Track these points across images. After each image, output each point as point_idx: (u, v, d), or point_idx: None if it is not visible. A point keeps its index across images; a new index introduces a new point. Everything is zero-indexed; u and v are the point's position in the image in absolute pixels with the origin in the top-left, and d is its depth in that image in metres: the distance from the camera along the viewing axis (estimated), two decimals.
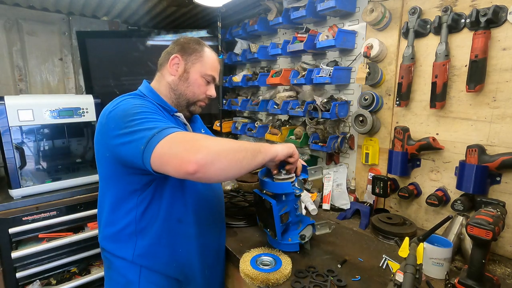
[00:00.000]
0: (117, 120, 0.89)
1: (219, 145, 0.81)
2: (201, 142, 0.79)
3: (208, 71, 1.11)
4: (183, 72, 1.10)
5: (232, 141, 0.87)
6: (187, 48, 1.10)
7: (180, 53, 1.10)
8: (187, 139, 0.80)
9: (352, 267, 1.11)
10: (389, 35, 1.51)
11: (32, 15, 2.32)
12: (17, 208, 1.69)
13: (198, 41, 1.14)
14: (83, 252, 1.93)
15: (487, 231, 0.87)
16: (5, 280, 1.71)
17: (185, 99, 1.12)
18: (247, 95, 2.45)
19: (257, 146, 0.92)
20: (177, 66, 1.10)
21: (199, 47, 1.11)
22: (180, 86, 1.10)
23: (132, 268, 1.02)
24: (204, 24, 2.79)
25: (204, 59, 1.11)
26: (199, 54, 1.10)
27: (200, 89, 1.12)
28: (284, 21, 1.90)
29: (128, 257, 1.01)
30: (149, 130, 0.81)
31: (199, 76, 1.10)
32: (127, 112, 0.89)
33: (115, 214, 1.02)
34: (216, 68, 1.15)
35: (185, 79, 1.10)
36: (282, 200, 1.16)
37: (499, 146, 1.20)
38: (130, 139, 0.84)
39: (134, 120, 0.86)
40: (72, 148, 1.95)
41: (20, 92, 2.34)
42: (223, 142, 0.84)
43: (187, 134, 0.84)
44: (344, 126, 1.78)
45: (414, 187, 1.46)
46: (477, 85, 1.19)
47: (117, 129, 0.87)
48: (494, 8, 1.14)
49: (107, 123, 0.92)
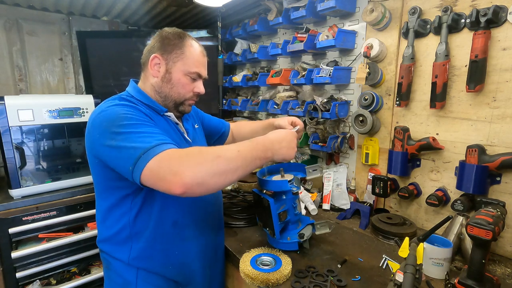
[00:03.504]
0: (102, 130, 0.86)
1: (208, 162, 0.77)
2: (189, 162, 0.76)
3: (191, 68, 1.02)
4: (165, 73, 1.02)
5: (227, 149, 0.82)
6: (167, 45, 1.01)
7: (160, 52, 1.01)
8: (174, 160, 0.77)
9: (352, 267, 1.11)
10: (389, 35, 1.50)
11: (32, 15, 2.32)
12: (17, 208, 1.68)
13: (179, 34, 1.03)
14: (83, 252, 1.92)
15: (487, 231, 0.87)
16: (5, 280, 1.71)
17: (171, 101, 1.05)
18: (247, 95, 2.45)
19: (255, 150, 0.86)
20: (158, 66, 1.02)
21: (179, 41, 1.01)
22: (164, 88, 1.03)
23: (129, 270, 1.02)
24: (204, 24, 2.79)
25: (186, 55, 1.01)
26: (180, 50, 1.01)
27: (185, 88, 1.04)
28: (284, 21, 1.90)
29: (124, 259, 1.01)
30: (134, 149, 0.79)
31: (182, 75, 1.02)
32: (112, 123, 0.86)
33: (109, 218, 1.02)
34: (201, 62, 1.06)
35: (168, 80, 1.02)
36: (280, 198, 1.16)
37: (499, 146, 1.20)
38: (116, 155, 0.83)
39: (120, 133, 0.83)
40: (72, 148, 1.95)
41: (20, 92, 2.34)
42: (214, 156, 0.79)
43: (174, 152, 0.79)
44: (344, 126, 1.78)
45: (414, 187, 1.46)
46: (477, 85, 1.19)
47: (103, 139, 0.85)
48: (494, 8, 1.14)
49: (92, 131, 0.90)
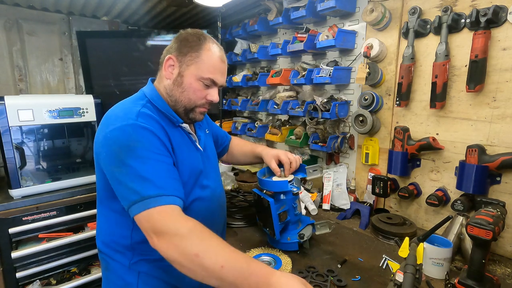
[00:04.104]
0: (110, 153, 0.85)
1: (186, 254, 0.72)
2: (170, 238, 0.74)
3: (205, 73, 0.95)
4: (177, 76, 0.96)
5: (210, 253, 0.71)
6: (183, 47, 0.95)
7: (176, 53, 0.96)
8: (160, 224, 0.76)
9: (352, 267, 1.11)
10: (389, 35, 1.50)
11: (32, 15, 2.32)
12: (17, 208, 1.68)
13: (199, 36, 0.97)
14: (83, 252, 1.92)
15: (487, 231, 0.87)
16: (5, 280, 1.71)
17: (181, 106, 0.99)
18: (247, 95, 2.45)
19: (244, 279, 0.68)
20: (172, 68, 0.97)
21: (197, 44, 0.95)
22: (174, 92, 0.97)
23: (130, 272, 0.99)
24: (204, 24, 2.79)
25: (202, 59, 0.95)
26: (195, 54, 0.94)
27: (197, 94, 0.97)
28: (284, 21, 1.90)
29: (125, 263, 0.99)
30: (133, 193, 0.79)
31: (194, 80, 0.95)
32: (122, 148, 0.83)
33: (110, 225, 1.00)
34: (218, 68, 0.98)
35: (179, 84, 0.96)
36: (280, 198, 1.17)
37: (499, 146, 1.20)
38: (116, 186, 0.84)
39: (125, 165, 0.81)
40: (72, 148, 1.95)
41: (20, 92, 2.33)
42: (194, 252, 0.71)
43: (164, 218, 0.76)
44: (344, 126, 1.78)
45: (414, 187, 1.46)
46: (477, 85, 1.19)
47: (109, 161, 0.85)
48: (494, 8, 1.14)
49: (101, 147, 0.88)
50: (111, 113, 0.92)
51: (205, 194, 1.03)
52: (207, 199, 1.04)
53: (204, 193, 1.03)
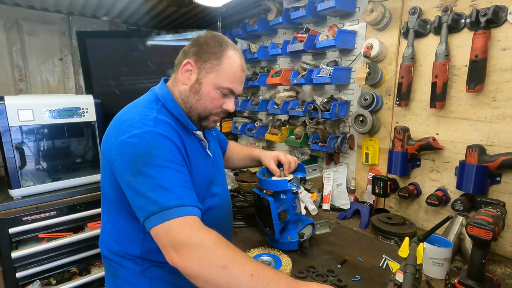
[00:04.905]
0: (126, 160, 0.80)
1: (211, 267, 0.68)
2: (192, 253, 0.70)
3: (224, 83, 0.91)
4: (195, 83, 0.92)
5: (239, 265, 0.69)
6: (204, 52, 0.90)
7: (195, 58, 0.91)
8: (181, 238, 0.71)
9: (352, 267, 1.11)
10: (389, 35, 1.50)
11: (32, 15, 2.32)
12: (17, 208, 1.68)
13: (221, 41, 0.92)
14: (83, 252, 1.92)
15: (487, 231, 0.87)
16: (5, 280, 1.71)
17: (196, 113, 0.95)
18: (247, 95, 2.45)
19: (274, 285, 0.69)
20: (189, 73, 0.92)
21: (218, 50, 0.90)
22: (190, 99, 0.93)
23: (141, 279, 0.95)
24: (204, 24, 2.79)
25: (223, 67, 0.90)
26: (216, 61, 0.90)
27: (213, 103, 0.94)
28: (284, 21, 1.90)
29: (136, 270, 0.95)
30: (152, 203, 0.74)
31: (212, 88, 0.91)
32: (139, 157, 0.78)
33: (118, 232, 0.95)
34: (238, 77, 0.94)
35: (196, 91, 0.92)
36: (280, 198, 1.17)
37: (499, 146, 1.20)
38: (132, 197, 0.79)
39: (142, 174, 0.77)
40: (72, 148, 1.95)
41: (20, 92, 2.33)
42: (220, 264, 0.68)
43: (185, 230, 0.72)
44: (344, 126, 1.78)
45: (414, 187, 1.46)
46: (477, 85, 1.19)
47: (125, 169, 0.80)
48: (494, 8, 1.14)
49: (114, 154, 0.83)
50: (125, 117, 0.87)
51: (214, 203, 1.01)
52: (217, 208, 1.02)
53: (213, 201, 1.00)
